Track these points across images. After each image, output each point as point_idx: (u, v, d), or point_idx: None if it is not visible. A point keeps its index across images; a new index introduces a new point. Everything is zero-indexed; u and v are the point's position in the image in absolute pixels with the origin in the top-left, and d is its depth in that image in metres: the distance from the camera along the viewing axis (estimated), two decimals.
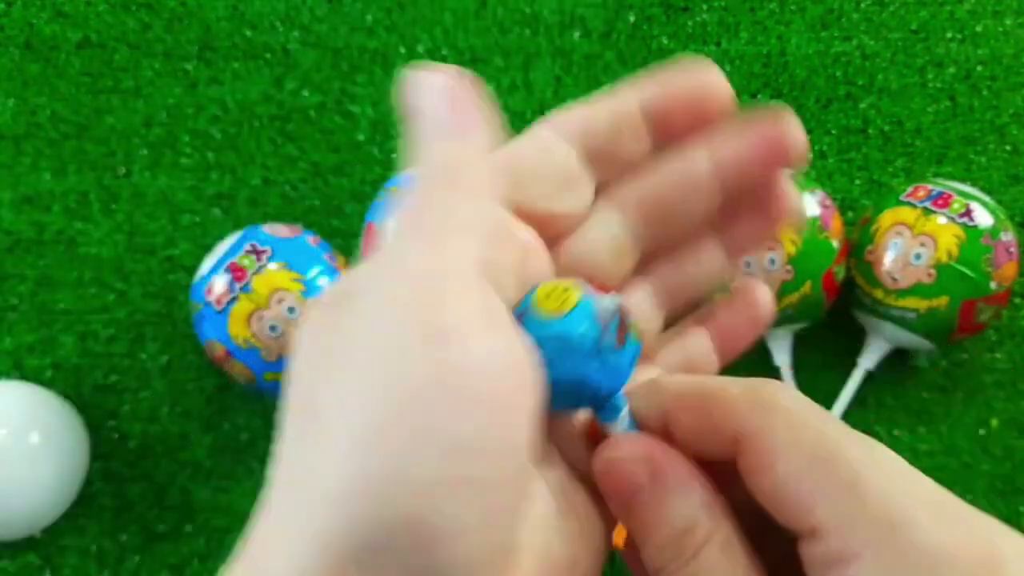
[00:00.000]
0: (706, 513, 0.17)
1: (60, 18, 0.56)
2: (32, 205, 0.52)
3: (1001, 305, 0.45)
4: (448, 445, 0.14)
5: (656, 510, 0.18)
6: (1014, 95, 0.56)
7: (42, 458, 0.43)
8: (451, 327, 0.15)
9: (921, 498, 0.16)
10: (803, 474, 0.16)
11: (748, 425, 0.17)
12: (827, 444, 0.16)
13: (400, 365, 0.15)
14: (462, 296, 0.15)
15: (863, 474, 0.16)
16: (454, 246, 0.16)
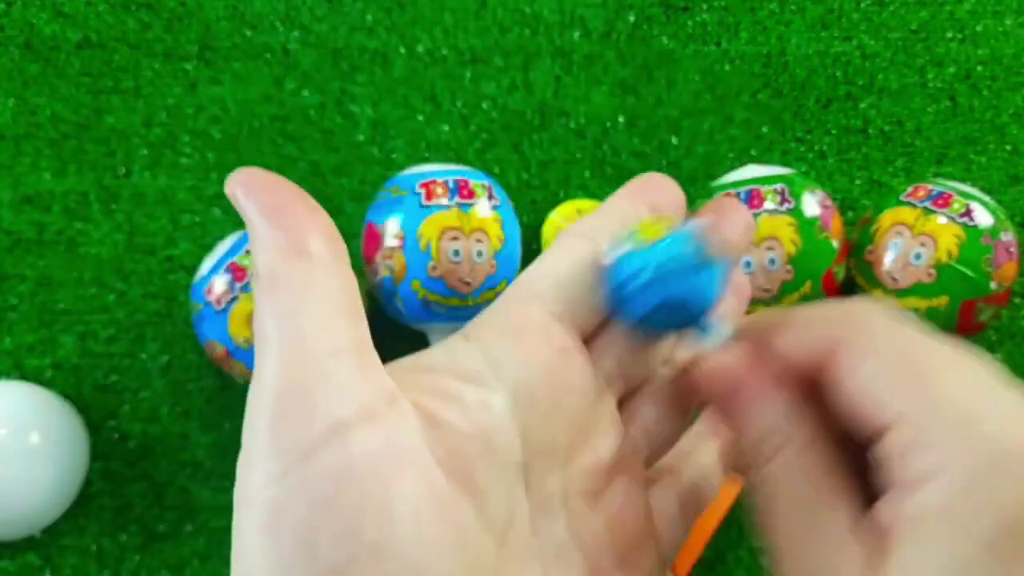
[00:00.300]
0: (784, 421, 0.19)
1: (60, 18, 0.56)
2: (32, 205, 0.52)
3: (1001, 305, 0.45)
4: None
5: (743, 415, 0.19)
6: (1014, 95, 0.56)
7: (42, 458, 0.43)
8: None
9: (994, 400, 0.17)
10: (884, 373, 0.17)
11: (841, 333, 0.18)
12: (910, 348, 0.18)
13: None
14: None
15: (941, 375, 0.17)
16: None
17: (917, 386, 0.17)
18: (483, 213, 0.45)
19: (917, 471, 0.16)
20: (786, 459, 0.18)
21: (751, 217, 0.23)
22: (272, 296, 0.18)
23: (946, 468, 0.16)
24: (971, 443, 0.16)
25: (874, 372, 0.17)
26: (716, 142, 0.55)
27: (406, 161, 0.54)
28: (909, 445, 0.16)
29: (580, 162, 0.54)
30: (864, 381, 0.17)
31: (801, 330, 0.19)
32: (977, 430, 0.16)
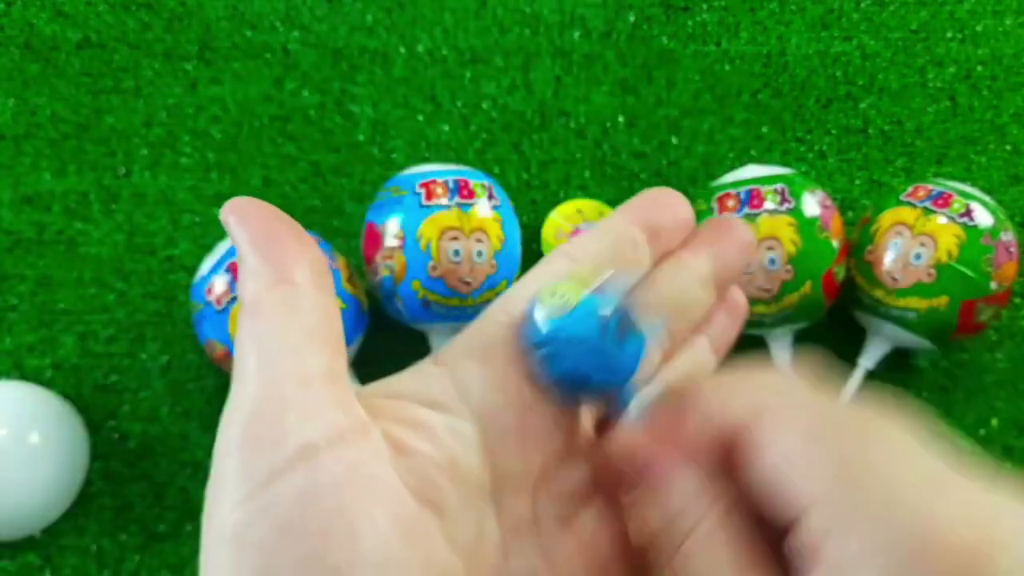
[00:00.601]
0: (698, 496, 0.18)
1: (60, 18, 0.56)
2: (32, 205, 0.52)
3: (1001, 305, 0.45)
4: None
5: (654, 492, 0.18)
6: (1014, 95, 0.56)
7: (42, 458, 0.43)
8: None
9: (914, 477, 0.15)
10: (798, 453, 0.16)
11: (755, 407, 0.17)
12: (826, 424, 0.17)
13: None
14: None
15: (858, 452, 0.16)
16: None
17: (833, 467, 0.16)
18: (483, 213, 0.45)
19: (834, 561, 0.15)
20: (700, 537, 0.17)
21: (751, 236, 0.23)
22: (252, 323, 0.18)
23: (864, 560, 0.15)
24: (890, 534, 0.15)
25: (787, 451, 0.16)
26: (716, 142, 0.55)
27: (406, 161, 0.54)
28: (825, 532, 0.15)
29: (580, 162, 0.54)
30: (777, 460, 0.16)
31: (716, 402, 0.18)
32: (896, 517, 0.15)
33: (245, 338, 0.18)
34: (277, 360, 0.17)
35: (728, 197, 0.45)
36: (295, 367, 0.17)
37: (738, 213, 0.44)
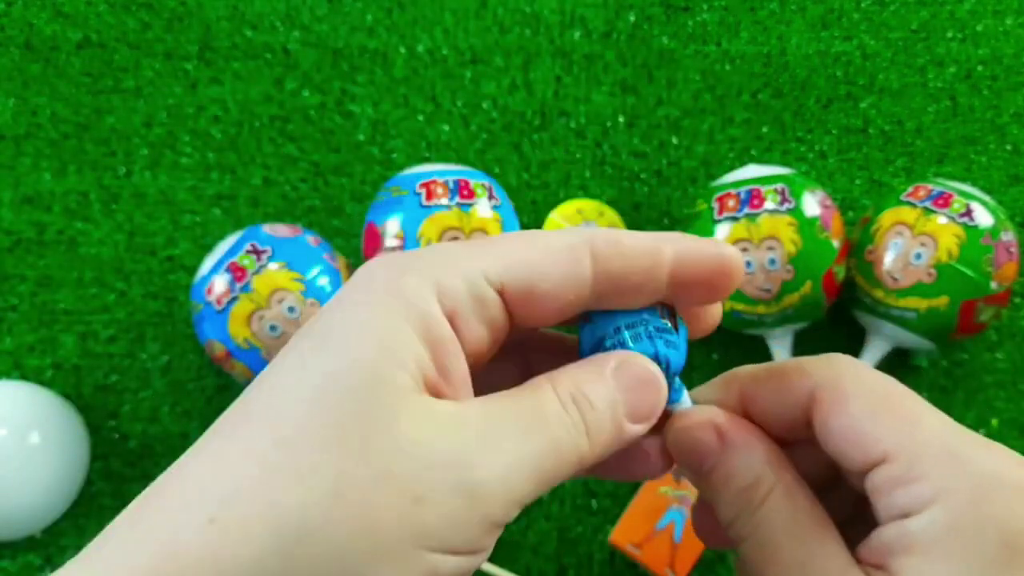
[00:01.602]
0: (769, 468, 0.20)
1: (60, 18, 0.56)
2: (32, 205, 0.52)
3: (1001, 305, 0.45)
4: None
5: (725, 468, 0.20)
6: (1015, 95, 0.56)
7: (42, 458, 0.43)
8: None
9: (970, 436, 0.18)
10: (873, 412, 0.19)
11: (823, 378, 0.20)
12: (890, 392, 0.19)
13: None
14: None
15: (922, 415, 0.18)
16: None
17: (904, 423, 0.18)
18: (483, 213, 0.45)
19: (915, 498, 0.17)
20: (776, 502, 0.19)
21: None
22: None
23: (944, 493, 0.17)
24: (963, 471, 0.17)
25: (864, 409, 0.19)
26: (716, 142, 0.55)
27: (406, 161, 0.54)
28: (904, 475, 0.17)
29: (580, 162, 0.54)
30: (855, 416, 0.19)
31: (780, 386, 0.20)
32: (966, 460, 0.17)
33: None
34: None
35: (728, 197, 0.45)
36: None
37: (738, 213, 0.44)
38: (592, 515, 0.47)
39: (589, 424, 0.19)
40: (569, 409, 0.19)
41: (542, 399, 0.18)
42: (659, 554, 0.44)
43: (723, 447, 0.20)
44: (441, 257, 0.19)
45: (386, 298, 0.18)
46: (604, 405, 0.19)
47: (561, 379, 0.19)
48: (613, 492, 0.47)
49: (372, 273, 0.19)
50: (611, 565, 0.46)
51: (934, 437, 0.18)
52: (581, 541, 0.47)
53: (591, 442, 0.19)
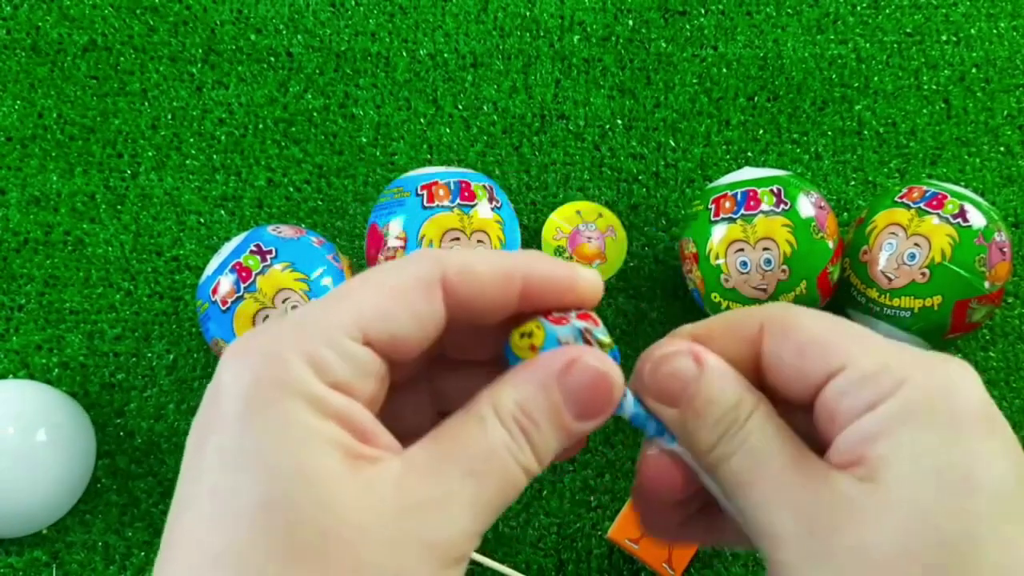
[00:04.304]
0: (748, 390, 0.20)
1: (66, 21, 0.56)
2: (39, 206, 0.52)
3: (994, 305, 0.45)
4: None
5: (707, 392, 0.20)
6: (1008, 97, 0.56)
7: (49, 456, 0.44)
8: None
9: (912, 347, 0.19)
10: (828, 331, 0.20)
11: (771, 313, 0.20)
12: (834, 318, 0.20)
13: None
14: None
15: (866, 331, 0.20)
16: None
17: (854, 335, 0.19)
18: (484, 215, 0.45)
19: (883, 388, 0.18)
20: (761, 418, 0.20)
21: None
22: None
23: (909, 379, 0.18)
24: (922, 363, 0.18)
25: (813, 329, 0.20)
26: (713, 144, 0.55)
27: (408, 163, 0.54)
28: (868, 373, 0.18)
29: (579, 164, 0.55)
30: (809, 335, 0.20)
31: (731, 327, 0.21)
32: (920, 355, 0.19)
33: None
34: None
35: (725, 198, 0.46)
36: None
37: (735, 214, 0.45)
38: (591, 511, 0.48)
39: (536, 445, 0.19)
40: (515, 436, 0.19)
41: (487, 433, 0.18)
42: (657, 549, 0.44)
43: (702, 371, 0.20)
44: (297, 331, 0.18)
45: (274, 400, 0.17)
46: (549, 423, 0.19)
47: (503, 400, 0.19)
48: (611, 488, 0.48)
49: (242, 375, 0.18)
50: (609, 560, 0.47)
51: (884, 344, 0.19)
52: (580, 536, 0.47)
53: (539, 460, 0.19)
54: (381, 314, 0.19)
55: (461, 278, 0.19)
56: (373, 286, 0.19)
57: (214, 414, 0.18)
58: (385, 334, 0.19)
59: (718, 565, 0.46)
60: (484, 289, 0.20)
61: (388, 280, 0.19)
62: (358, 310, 0.18)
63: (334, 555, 0.16)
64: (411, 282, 0.19)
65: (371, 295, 0.19)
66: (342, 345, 0.18)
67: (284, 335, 0.18)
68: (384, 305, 0.19)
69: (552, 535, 0.47)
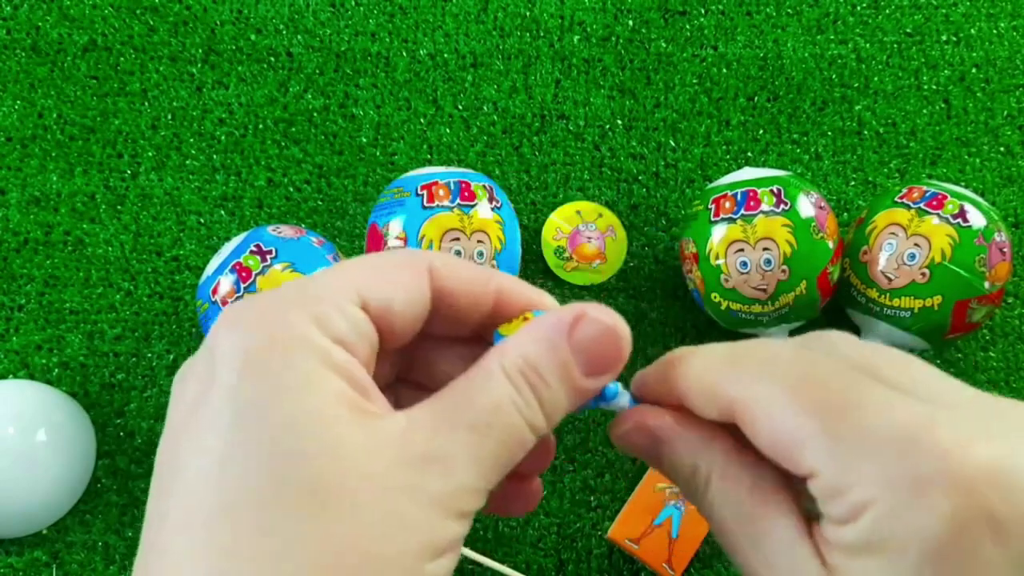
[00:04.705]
0: (703, 454, 0.20)
1: (66, 21, 0.56)
2: (39, 206, 0.52)
3: (994, 305, 0.45)
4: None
5: (667, 461, 0.21)
6: (1008, 97, 0.56)
7: (49, 456, 0.44)
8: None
9: (898, 414, 0.17)
10: (793, 428, 0.18)
11: (738, 399, 0.19)
12: (808, 388, 0.18)
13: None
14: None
15: (846, 404, 0.17)
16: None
17: (826, 428, 0.17)
18: (484, 215, 0.45)
19: (847, 510, 0.17)
20: (717, 486, 0.20)
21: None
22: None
23: (871, 504, 0.17)
24: (889, 474, 0.17)
25: (778, 430, 0.18)
26: (713, 144, 0.55)
27: (408, 163, 0.54)
28: (833, 488, 0.17)
29: (579, 164, 0.55)
30: (773, 441, 0.18)
31: (702, 391, 0.20)
32: (891, 458, 0.17)
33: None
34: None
35: (725, 199, 0.46)
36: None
37: (735, 214, 0.45)
38: (591, 511, 0.48)
39: (544, 401, 0.19)
40: (523, 391, 0.19)
41: (492, 388, 0.18)
42: (657, 549, 0.44)
43: (657, 444, 0.21)
44: (297, 293, 0.18)
45: (278, 352, 0.17)
46: (558, 379, 0.19)
47: (509, 356, 0.19)
48: (611, 488, 0.48)
49: (239, 338, 0.18)
50: (609, 560, 0.47)
51: (857, 435, 0.17)
52: (580, 536, 0.47)
53: (547, 418, 0.19)
54: (377, 284, 0.19)
55: (446, 269, 0.20)
56: (368, 263, 0.20)
57: (207, 373, 0.17)
58: (382, 302, 0.19)
59: (718, 565, 0.46)
60: (463, 282, 0.20)
61: (381, 259, 0.20)
62: (355, 279, 0.19)
63: (340, 500, 0.16)
64: (403, 261, 0.20)
65: (367, 269, 0.19)
66: (343, 306, 0.18)
67: (283, 298, 0.18)
68: (380, 277, 0.19)
69: (552, 535, 0.47)
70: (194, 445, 0.17)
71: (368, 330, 0.19)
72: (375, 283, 0.19)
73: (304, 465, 0.16)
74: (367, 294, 0.19)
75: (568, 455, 0.49)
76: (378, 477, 0.17)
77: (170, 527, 0.17)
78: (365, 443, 0.17)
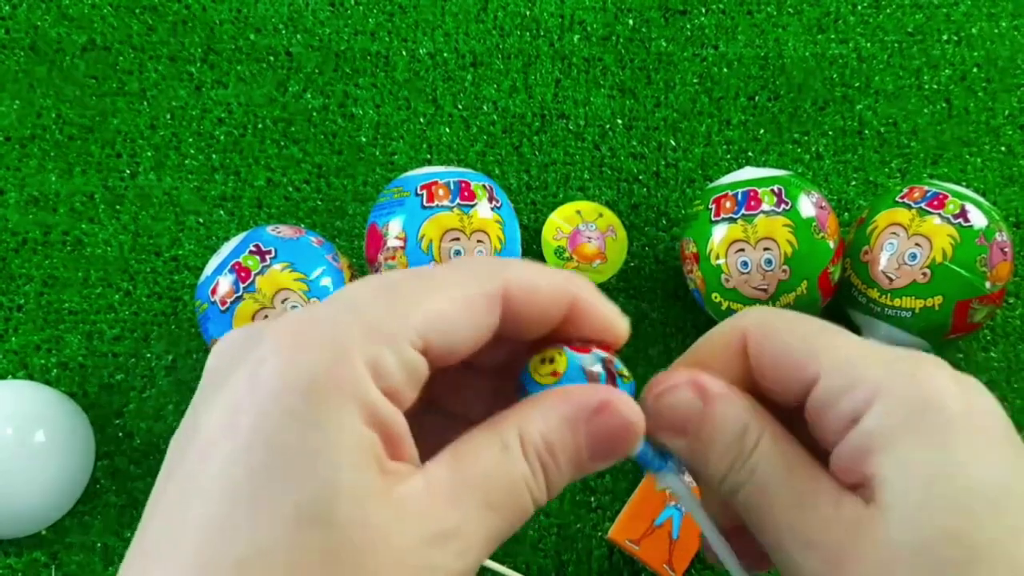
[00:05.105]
0: (754, 415, 0.20)
1: (65, 21, 0.56)
2: (38, 206, 0.52)
3: (995, 305, 0.45)
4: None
5: (712, 422, 0.20)
6: (1009, 96, 0.56)
7: (48, 456, 0.44)
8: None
9: (880, 346, 0.20)
10: (798, 338, 0.20)
11: (750, 320, 0.21)
12: (808, 321, 0.21)
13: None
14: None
15: (838, 335, 0.20)
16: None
17: (826, 342, 0.20)
18: (484, 214, 0.45)
19: (858, 401, 0.18)
20: (767, 447, 0.20)
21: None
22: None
23: (882, 388, 0.18)
24: (891, 368, 0.19)
25: (787, 339, 0.20)
26: (714, 144, 0.55)
27: (408, 163, 0.54)
28: (841, 384, 0.19)
29: (579, 164, 0.55)
30: (783, 347, 0.20)
31: (716, 344, 0.22)
32: (889, 358, 0.19)
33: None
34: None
35: (725, 198, 0.46)
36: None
37: (735, 214, 0.45)
38: (591, 511, 0.48)
39: (551, 480, 0.19)
40: (536, 473, 0.18)
41: (510, 466, 0.18)
42: (657, 550, 0.44)
43: (707, 401, 0.21)
44: (364, 328, 0.17)
45: (328, 400, 0.16)
46: (568, 460, 0.19)
47: (529, 431, 0.18)
48: (612, 489, 0.48)
49: (306, 351, 0.17)
50: (610, 561, 0.47)
51: (855, 348, 0.20)
52: (580, 537, 0.47)
53: (550, 494, 0.19)
54: (447, 324, 0.18)
55: (524, 295, 0.19)
56: (440, 292, 0.18)
57: (246, 395, 0.17)
58: (445, 345, 0.18)
59: (719, 567, 0.46)
60: (539, 307, 0.19)
61: (455, 289, 0.18)
62: (425, 317, 0.18)
63: (362, 572, 0.16)
64: (478, 294, 0.19)
65: (439, 302, 0.18)
66: (404, 351, 0.17)
67: (351, 330, 0.17)
68: (451, 315, 0.18)
69: (552, 536, 0.47)
70: (207, 462, 0.16)
71: (422, 373, 0.18)
72: (442, 319, 0.18)
73: (329, 533, 0.16)
74: (431, 335, 0.18)
75: None
76: (400, 552, 0.16)
77: (166, 564, 0.17)
78: (391, 517, 0.16)
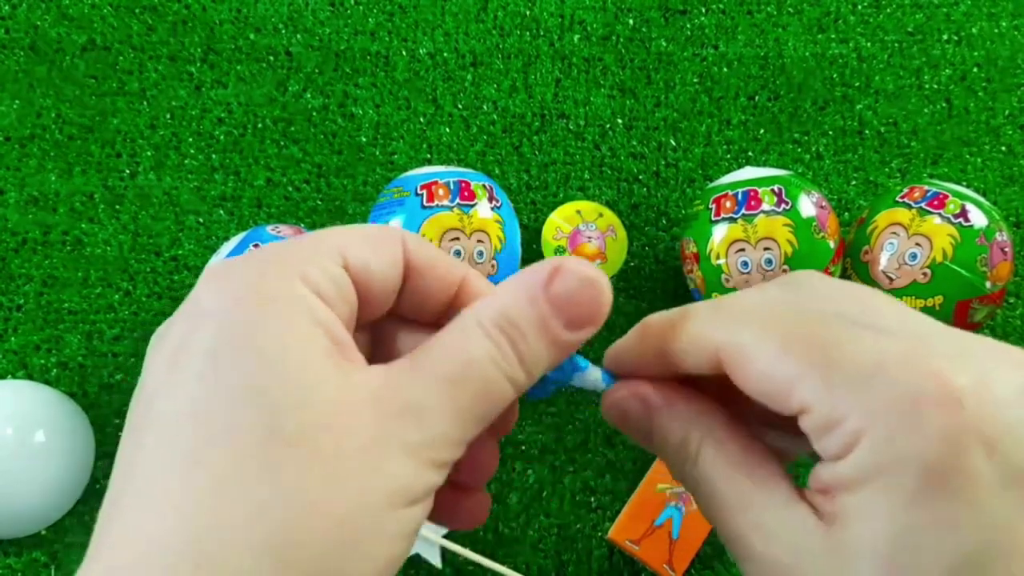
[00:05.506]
0: (695, 422, 0.20)
1: (65, 21, 0.56)
2: (38, 206, 0.52)
3: (996, 305, 0.45)
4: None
5: (658, 432, 0.21)
6: (1009, 96, 0.56)
7: (48, 456, 0.44)
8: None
9: (884, 344, 0.17)
10: (782, 364, 0.18)
11: (723, 343, 0.19)
12: (793, 325, 0.19)
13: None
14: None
15: (828, 341, 0.18)
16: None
17: (813, 362, 0.18)
18: (484, 214, 0.45)
19: (840, 442, 0.17)
20: (708, 454, 0.20)
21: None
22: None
23: (864, 434, 0.17)
24: (880, 405, 0.17)
25: (765, 367, 0.18)
26: (714, 144, 0.55)
27: (408, 163, 0.54)
28: (824, 422, 0.17)
29: (579, 163, 0.55)
30: (761, 382, 0.18)
31: (686, 344, 0.20)
32: (881, 388, 0.17)
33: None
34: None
35: (726, 198, 0.46)
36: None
37: (735, 214, 0.45)
38: (591, 512, 0.48)
39: (523, 355, 0.19)
40: (500, 345, 0.19)
41: (467, 342, 0.19)
42: (657, 550, 0.44)
43: (649, 412, 0.21)
44: (282, 253, 0.19)
45: (263, 303, 0.18)
46: (537, 333, 0.19)
47: (485, 311, 0.19)
48: (612, 489, 0.48)
49: (235, 279, 0.18)
50: (610, 561, 0.47)
51: (846, 368, 0.17)
52: (580, 537, 0.47)
53: (527, 372, 0.19)
54: (357, 247, 0.20)
55: (416, 246, 0.21)
56: (347, 230, 0.20)
57: (189, 326, 0.18)
58: (361, 264, 0.19)
59: (718, 566, 0.46)
60: (432, 260, 0.21)
61: (359, 228, 0.21)
62: (336, 241, 0.19)
63: (318, 448, 0.16)
64: (379, 231, 0.21)
65: (347, 234, 0.20)
66: (325, 265, 0.19)
67: (267, 256, 0.19)
68: (359, 241, 0.20)
69: (552, 536, 0.47)
70: (172, 391, 0.17)
71: (348, 290, 0.19)
72: (355, 246, 0.20)
73: (283, 412, 0.16)
74: (347, 255, 0.19)
75: (569, 456, 0.48)
76: (356, 426, 0.17)
77: (142, 472, 0.17)
78: (344, 392, 0.17)
